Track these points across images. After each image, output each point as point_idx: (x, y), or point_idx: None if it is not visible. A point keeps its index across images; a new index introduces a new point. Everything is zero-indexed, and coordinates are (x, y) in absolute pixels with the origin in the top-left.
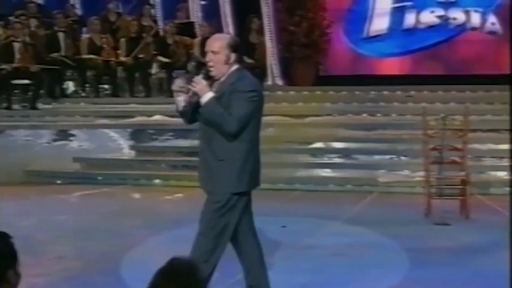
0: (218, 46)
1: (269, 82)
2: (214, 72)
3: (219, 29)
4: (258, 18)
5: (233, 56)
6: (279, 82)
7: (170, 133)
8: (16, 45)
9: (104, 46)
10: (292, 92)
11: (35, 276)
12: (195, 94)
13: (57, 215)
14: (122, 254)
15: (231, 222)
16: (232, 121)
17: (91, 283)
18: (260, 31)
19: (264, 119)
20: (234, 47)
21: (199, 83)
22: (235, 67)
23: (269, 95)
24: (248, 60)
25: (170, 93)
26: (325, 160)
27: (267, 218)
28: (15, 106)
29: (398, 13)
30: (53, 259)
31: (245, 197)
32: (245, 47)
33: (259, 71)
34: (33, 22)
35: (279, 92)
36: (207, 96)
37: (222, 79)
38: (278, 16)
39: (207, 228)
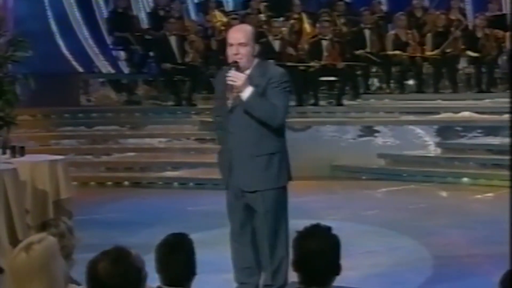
0: (246, 38)
1: None
2: (241, 65)
3: None
4: None
5: (256, 47)
6: None
7: (479, 130)
8: (324, 43)
9: (410, 41)
10: None
11: (346, 269)
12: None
13: (365, 210)
14: (427, 253)
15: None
16: (279, 112)
17: (401, 281)
18: None
19: None
20: (256, 38)
21: (239, 78)
22: (256, 58)
23: None
24: None
25: (479, 89)
26: None
27: None
28: (322, 103)
29: None
30: (363, 254)
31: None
32: None
33: None
34: (340, 20)
35: None
36: (249, 90)
37: (248, 71)
38: None
39: (279, 227)
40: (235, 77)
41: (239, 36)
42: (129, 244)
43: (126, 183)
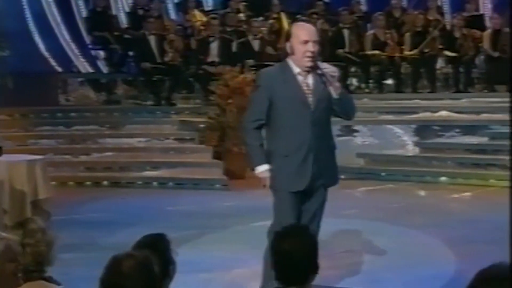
0: (317, 36)
1: None
2: (313, 63)
3: None
4: None
5: None
6: None
7: (457, 130)
8: None
9: (388, 41)
10: None
11: (326, 268)
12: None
13: (344, 210)
14: (405, 252)
15: None
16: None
17: (380, 279)
18: None
19: None
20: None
21: (335, 70)
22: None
23: None
24: None
25: (457, 89)
26: None
27: None
28: None
29: None
30: (343, 253)
31: None
32: None
33: None
34: (319, 20)
35: None
36: (337, 83)
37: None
38: None
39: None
40: (332, 70)
41: (314, 34)
42: (108, 243)
43: (105, 183)
